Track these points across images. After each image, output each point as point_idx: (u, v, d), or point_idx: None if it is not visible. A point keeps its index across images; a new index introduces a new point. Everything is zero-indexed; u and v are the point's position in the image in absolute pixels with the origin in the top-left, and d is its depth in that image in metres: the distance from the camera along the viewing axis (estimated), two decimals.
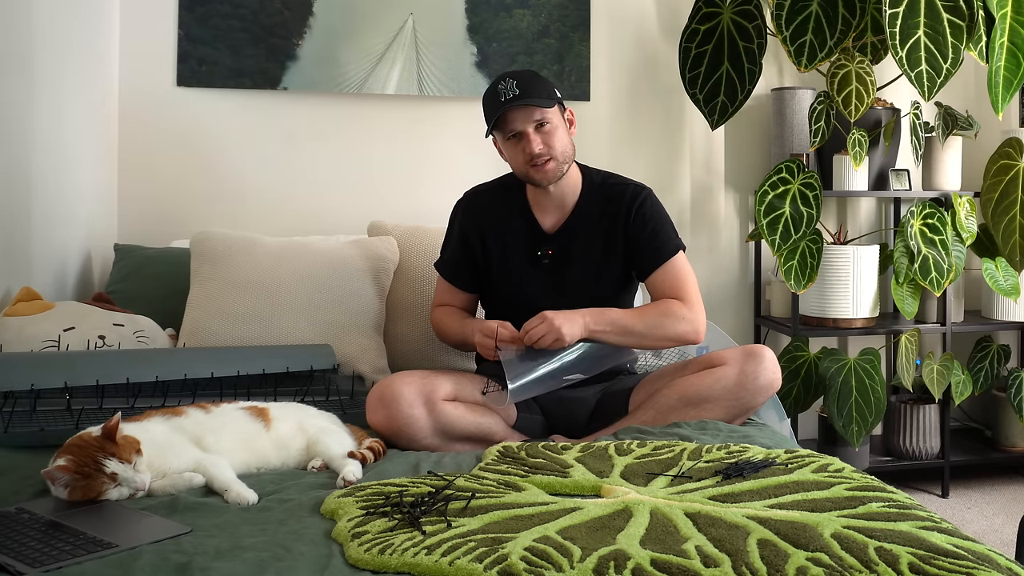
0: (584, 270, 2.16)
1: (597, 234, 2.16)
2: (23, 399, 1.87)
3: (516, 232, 2.19)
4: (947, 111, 3.12)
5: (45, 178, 2.43)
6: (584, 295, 2.10)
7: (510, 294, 2.19)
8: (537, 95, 2.05)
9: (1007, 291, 3.13)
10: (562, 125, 2.12)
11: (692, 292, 2.11)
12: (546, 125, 2.07)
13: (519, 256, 2.18)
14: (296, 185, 3.11)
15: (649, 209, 2.15)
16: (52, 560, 1.19)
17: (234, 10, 3.02)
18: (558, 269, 2.16)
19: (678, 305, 2.08)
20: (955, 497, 3.17)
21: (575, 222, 2.17)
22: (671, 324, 2.05)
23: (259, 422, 1.69)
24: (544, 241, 2.18)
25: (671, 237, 2.15)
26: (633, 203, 2.15)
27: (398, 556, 1.21)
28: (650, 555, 1.19)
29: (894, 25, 2.67)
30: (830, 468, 1.56)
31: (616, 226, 2.15)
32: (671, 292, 2.11)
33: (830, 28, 2.83)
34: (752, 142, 3.45)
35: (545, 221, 2.19)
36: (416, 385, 1.91)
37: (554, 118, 2.09)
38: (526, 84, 2.06)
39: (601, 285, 2.17)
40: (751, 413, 2.04)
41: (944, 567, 1.14)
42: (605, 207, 2.17)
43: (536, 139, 2.06)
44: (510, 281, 2.19)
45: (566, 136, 2.12)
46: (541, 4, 3.22)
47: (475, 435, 1.96)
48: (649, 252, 2.13)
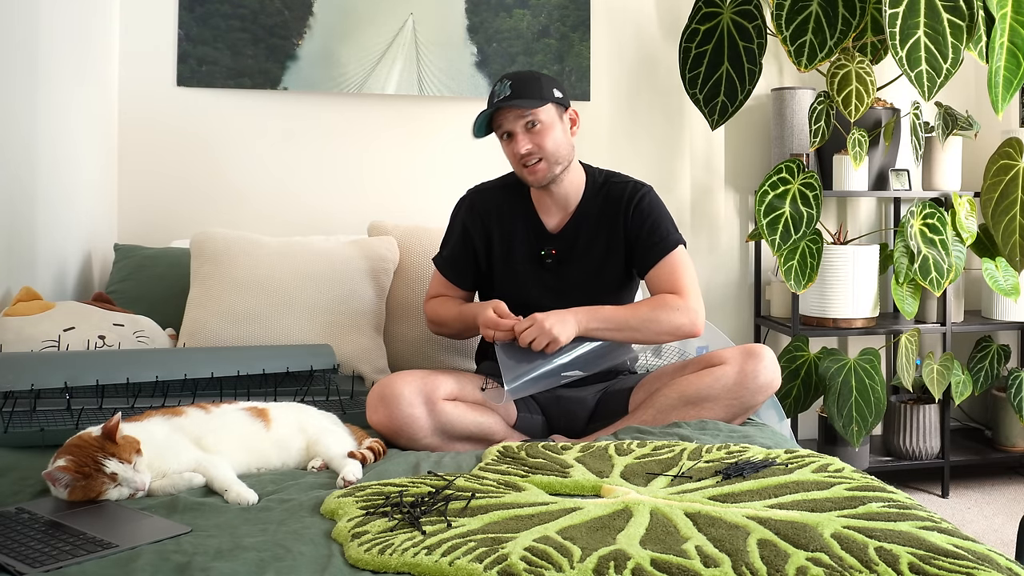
0: (586, 269, 2.16)
1: (599, 233, 2.16)
2: (23, 399, 1.87)
3: (520, 231, 2.19)
4: (947, 111, 3.12)
5: (45, 178, 2.43)
6: (586, 294, 2.10)
7: (512, 293, 2.18)
8: (529, 95, 2.04)
9: (1007, 291, 3.13)
10: (557, 125, 2.09)
11: (690, 285, 2.09)
12: (537, 126, 2.06)
13: (522, 255, 2.18)
14: (296, 185, 3.11)
15: (647, 206, 2.14)
16: (52, 560, 1.19)
17: (234, 10, 3.02)
18: (561, 269, 2.16)
19: (673, 298, 2.06)
20: (955, 497, 3.17)
21: (578, 222, 2.17)
22: (667, 316, 2.03)
23: (259, 422, 1.69)
24: (548, 240, 2.17)
25: (670, 232, 2.14)
26: (632, 201, 2.14)
27: (398, 556, 1.21)
28: (650, 555, 1.19)
29: (894, 25, 2.67)
30: (830, 468, 1.56)
31: (616, 225, 2.15)
32: (668, 286, 2.09)
33: (830, 28, 2.83)
34: (752, 142, 3.45)
35: (549, 221, 2.18)
36: (416, 384, 1.91)
37: (547, 118, 2.07)
38: (520, 85, 2.05)
39: (602, 284, 2.17)
40: (751, 412, 2.04)
41: (944, 567, 1.14)
42: (606, 206, 2.16)
43: (524, 140, 2.06)
44: (513, 281, 2.19)
45: (562, 136, 2.10)
46: (541, 4, 3.22)
47: (475, 435, 1.96)
48: (647, 248, 2.12)
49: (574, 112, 2.16)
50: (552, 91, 2.09)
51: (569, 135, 2.13)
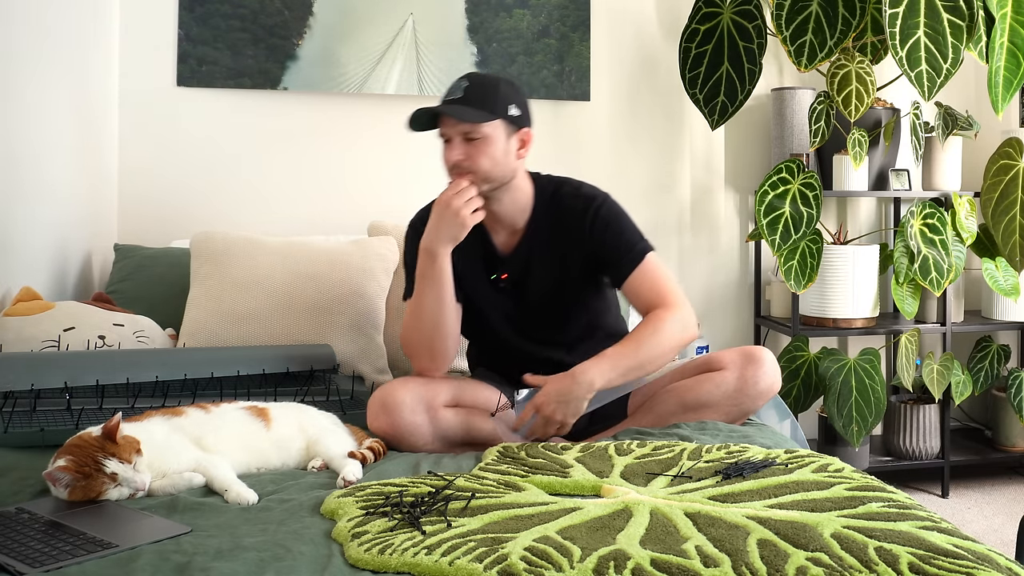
0: (544, 290, 2.04)
1: (554, 251, 2.02)
2: (23, 399, 1.87)
3: (472, 255, 2.03)
4: (947, 111, 3.12)
5: (45, 178, 2.43)
6: (549, 314, 2.04)
7: (474, 321, 2.07)
8: (479, 105, 1.89)
9: (1007, 291, 3.13)
10: (500, 144, 1.92)
11: (671, 291, 1.97)
12: (476, 139, 1.90)
13: (478, 279, 2.05)
14: (296, 185, 3.11)
15: (605, 216, 2.00)
16: (52, 560, 1.19)
17: (234, 10, 3.02)
18: (517, 292, 2.05)
19: (661, 313, 1.93)
20: (955, 497, 3.17)
21: (530, 241, 2.03)
22: (666, 337, 1.90)
23: (259, 422, 1.69)
24: (500, 263, 2.05)
25: (637, 241, 2.00)
26: (586, 214, 2.00)
27: (398, 556, 1.21)
28: (650, 555, 1.19)
29: (894, 25, 2.67)
30: (830, 468, 1.56)
31: (574, 240, 2.01)
32: (649, 295, 1.97)
33: (830, 28, 2.83)
34: (752, 142, 3.45)
35: (498, 241, 2.05)
36: (417, 392, 1.89)
37: (490, 133, 1.90)
38: (475, 91, 1.90)
39: (566, 301, 2.05)
40: (750, 415, 2.03)
41: (944, 567, 1.14)
42: (559, 222, 2.02)
43: (459, 149, 1.91)
44: (470, 308, 2.06)
45: (501, 156, 1.92)
46: (541, 4, 3.22)
47: (476, 440, 1.95)
48: (617, 260, 1.99)
49: (527, 133, 1.97)
50: (508, 107, 1.92)
51: (513, 156, 1.95)
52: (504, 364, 2.13)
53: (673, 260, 3.39)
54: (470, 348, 2.28)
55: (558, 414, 1.84)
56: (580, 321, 2.09)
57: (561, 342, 2.08)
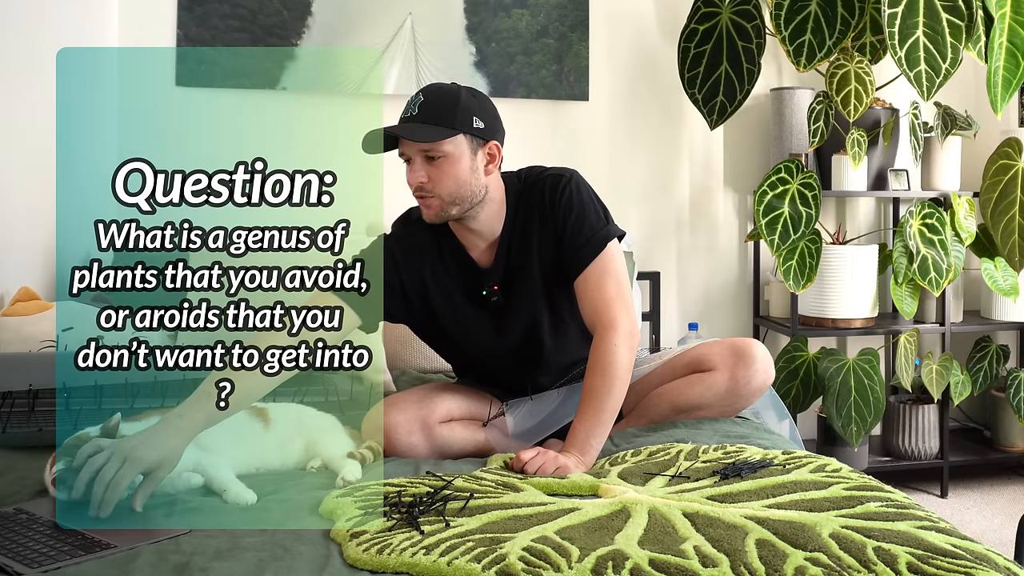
0: (533, 299, 1.91)
1: (532, 244, 1.89)
2: (21, 399, 1.86)
3: (452, 285, 1.91)
4: (946, 111, 3.12)
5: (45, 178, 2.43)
6: (538, 324, 1.93)
7: (458, 337, 1.97)
8: (437, 121, 1.75)
9: (1006, 291, 3.13)
10: (465, 161, 1.79)
11: (612, 302, 1.81)
12: (438, 158, 1.77)
13: (461, 298, 1.92)
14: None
15: (570, 197, 1.85)
16: (51, 560, 1.19)
17: (233, 10, 3.01)
18: (506, 306, 1.91)
19: (604, 346, 1.77)
20: (954, 497, 3.17)
21: (508, 246, 1.90)
22: (618, 367, 1.76)
23: (258, 422, 1.69)
24: (484, 277, 1.91)
25: (595, 230, 1.84)
26: (554, 196, 1.86)
27: (396, 556, 1.21)
28: (648, 555, 1.19)
29: (893, 25, 2.67)
30: (828, 468, 1.56)
31: (546, 235, 1.88)
32: (595, 304, 1.82)
33: (829, 28, 2.83)
34: (751, 142, 3.45)
35: (477, 256, 1.92)
36: (411, 412, 1.85)
37: (452, 151, 1.77)
38: (432, 106, 1.77)
39: (556, 305, 1.92)
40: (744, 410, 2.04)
41: (942, 567, 1.14)
42: (529, 211, 1.89)
43: (421, 171, 1.79)
44: (456, 328, 1.95)
45: (467, 174, 1.79)
46: (540, 4, 3.22)
47: (474, 452, 1.92)
48: (573, 251, 1.85)
49: (495, 147, 1.83)
50: (471, 119, 1.78)
51: (481, 173, 1.81)
52: (493, 377, 2.04)
53: (672, 260, 3.39)
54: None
55: (560, 462, 1.67)
56: (572, 324, 1.98)
57: (551, 351, 1.97)
